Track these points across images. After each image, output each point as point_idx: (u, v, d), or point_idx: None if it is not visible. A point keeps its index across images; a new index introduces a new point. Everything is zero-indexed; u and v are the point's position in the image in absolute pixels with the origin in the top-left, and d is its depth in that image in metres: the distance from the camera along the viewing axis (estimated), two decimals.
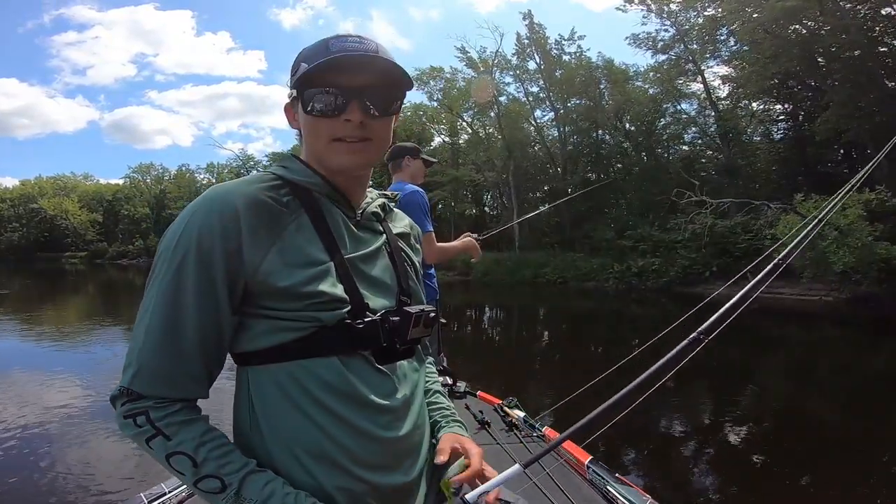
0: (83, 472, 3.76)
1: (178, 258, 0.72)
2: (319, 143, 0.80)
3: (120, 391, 0.73)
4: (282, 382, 0.75)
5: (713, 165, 21.73)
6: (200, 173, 60.44)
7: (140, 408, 0.71)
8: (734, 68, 22.25)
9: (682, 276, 17.17)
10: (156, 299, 0.72)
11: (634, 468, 3.90)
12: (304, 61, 0.79)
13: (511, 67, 30.03)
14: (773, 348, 9.64)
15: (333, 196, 0.83)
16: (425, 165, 2.90)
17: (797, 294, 14.15)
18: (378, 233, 0.90)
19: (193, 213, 0.74)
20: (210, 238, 0.72)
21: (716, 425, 5.15)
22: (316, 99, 0.77)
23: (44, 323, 12.32)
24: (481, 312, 16.74)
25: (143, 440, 0.71)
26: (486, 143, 32.40)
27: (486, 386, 3.57)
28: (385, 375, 0.80)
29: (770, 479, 3.84)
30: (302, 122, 0.82)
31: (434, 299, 2.67)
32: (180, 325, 0.71)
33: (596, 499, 1.97)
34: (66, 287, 25.92)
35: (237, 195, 0.74)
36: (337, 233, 0.81)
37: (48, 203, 62.04)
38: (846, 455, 4.26)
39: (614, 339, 11.16)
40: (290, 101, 0.84)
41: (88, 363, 7.79)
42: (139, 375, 0.71)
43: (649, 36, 24.54)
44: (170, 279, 0.72)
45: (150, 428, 0.70)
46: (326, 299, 0.74)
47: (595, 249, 22.27)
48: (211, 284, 0.72)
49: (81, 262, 54.32)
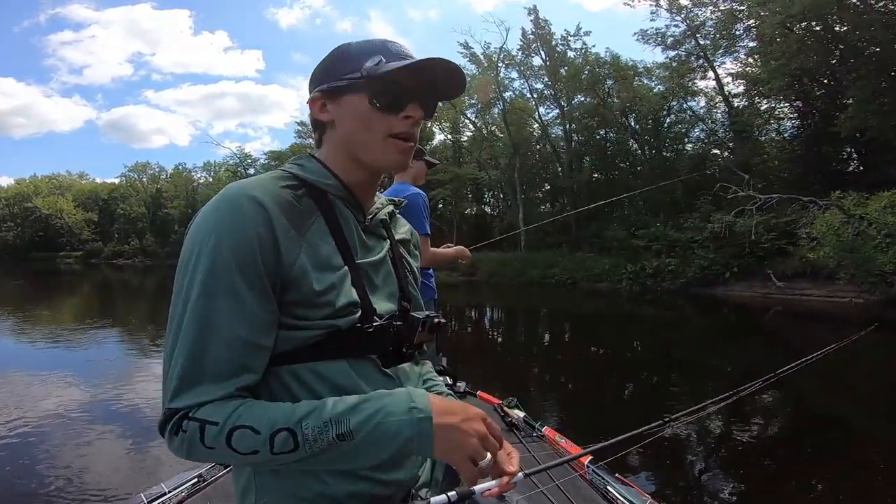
0: (83, 473, 3.74)
1: (213, 254, 0.69)
2: (372, 138, 0.80)
3: (165, 416, 0.68)
4: (291, 385, 0.75)
5: (728, 163, 21.02)
6: (197, 172, 59.85)
7: (180, 415, 0.68)
8: (748, 65, 21.86)
9: (701, 277, 16.49)
10: (194, 299, 0.69)
11: (634, 468, 3.80)
12: (370, 54, 0.79)
13: (516, 64, 29.48)
14: (795, 350, 8.92)
15: (347, 199, 0.84)
16: (427, 167, 2.90)
17: (825, 295, 13.57)
18: (383, 238, 0.91)
19: (219, 210, 0.71)
20: (245, 237, 0.69)
21: (722, 427, 4.90)
22: (384, 92, 0.78)
23: (35, 324, 11.90)
24: (487, 314, 16.18)
25: (198, 441, 0.66)
26: (491, 140, 31.80)
27: (494, 390, 3.49)
28: (390, 378, 0.82)
29: (779, 483, 3.67)
30: (352, 115, 0.81)
31: (432, 299, 2.75)
32: (224, 322, 0.68)
33: (596, 499, 1.96)
34: (57, 288, 25.18)
35: (263, 192, 0.73)
36: (350, 238, 0.81)
37: (43, 202, 61.60)
38: (862, 460, 4.01)
39: (626, 341, 10.61)
40: (320, 93, 0.82)
41: (85, 364, 7.63)
42: (183, 388, 0.67)
43: (658, 32, 24.06)
44: (206, 276, 0.68)
45: (196, 425, 0.66)
46: (345, 304, 0.75)
47: (604, 249, 21.60)
48: (255, 284, 0.70)
49: (77, 262, 53.75)
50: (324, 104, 0.82)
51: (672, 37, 23.81)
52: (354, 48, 0.81)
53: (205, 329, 0.68)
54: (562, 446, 2.35)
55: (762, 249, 15.13)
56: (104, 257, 56.52)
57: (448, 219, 35.14)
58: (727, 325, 12.45)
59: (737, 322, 13.00)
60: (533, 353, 9.81)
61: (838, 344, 2.94)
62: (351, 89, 0.79)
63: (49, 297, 20.28)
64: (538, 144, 30.87)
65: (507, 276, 23.08)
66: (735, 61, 22.61)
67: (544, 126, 30.10)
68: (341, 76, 0.80)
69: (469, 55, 30.04)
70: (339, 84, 0.80)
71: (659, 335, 11.22)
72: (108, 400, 5.53)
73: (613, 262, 19.65)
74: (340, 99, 0.80)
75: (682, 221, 18.45)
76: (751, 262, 15.36)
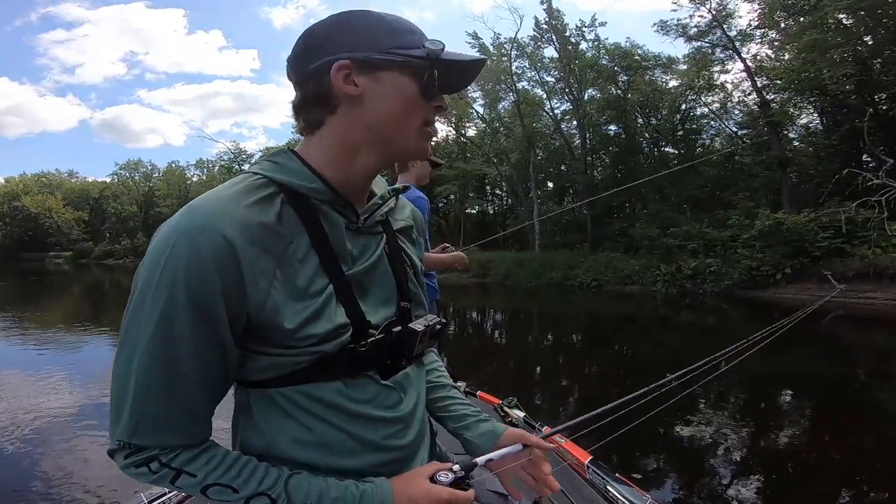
0: (83, 473, 3.72)
1: (166, 296, 0.62)
2: (411, 124, 0.73)
3: (120, 445, 0.66)
4: (285, 405, 0.72)
5: (766, 157, 19.69)
6: (191, 170, 58.46)
7: (147, 456, 0.66)
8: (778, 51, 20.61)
9: (748, 279, 15.04)
10: (145, 343, 0.63)
11: (635, 468, 3.77)
12: (409, 32, 0.72)
13: (527, 56, 28.18)
14: (845, 355, 8.60)
15: (335, 202, 0.74)
16: (432, 167, 2.72)
17: (892, 298, 12.43)
18: (378, 233, 0.81)
19: (173, 246, 0.62)
20: (202, 275, 0.61)
21: (737, 430, 4.80)
22: (433, 80, 0.71)
23: (23, 327, 11.39)
24: (502, 319, 14.96)
25: (167, 482, 0.67)
26: (504, 133, 30.38)
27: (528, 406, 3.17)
28: (391, 388, 0.78)
29: (794, 489, 3.56)
30: (396, 95, 0.71)
31: (434, 300, 2.65)
32: (177, 369, 0.64)
33: (596, 499, 1.91)
34: (43, 290, 23.70)
35: (226, 221, 0.63)
36: (339, 247, 0.73)
37: (31, 201, 60.72)
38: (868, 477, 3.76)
39: (655, 346, 9.73)
40: (351, 61, 0.69)
41: (76, 366, 7.45)
42: (140, 428, 0.65)
43: (679, 23, 22.66)
44: (159, 320, 0.62)
45: (169, 471, 0.67)
46: (331, 329, 0.69)
47: (629, 248, 20.17)
48: (210, 324, 0.64)
49: (67, 262, 52.52)
50: (349, 74, 0.69)
51: (697, 27, 22.53)
52: (392, 21, 0.72)
53: (160, 370, 0.63)
54: (562, 446, 2.21)
55: (818, 249, 13.77)
56: (94, 257, 55.40)
57: (455, 217, 33.99)
58: (777, 330, 11.18)
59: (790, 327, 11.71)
60: (557, 359, 9.20)
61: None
62: (400, 66, 0.70)
63: (34, 300, 19.01)
64: (552, 138, 29.51)
65: (523, 277, 21.59)
66: (770, 49, 21.29)
67: (557, 120, 28.71)
68: (388, 49, 0.69)
69: (478, 46, 28.80)
70: (387, 58, 0.69)
71: (696, 340, 10.13)
72: (105, 401, 4.73)
73: (644, 262, 18.16)
74: (379, 74, 0.70)
75: (726, 218, 17.02)
76: (805, 263, 13.99)
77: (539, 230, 24.98)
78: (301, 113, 0.74)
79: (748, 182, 19.90)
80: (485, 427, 0.91)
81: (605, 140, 27.62)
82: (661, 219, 20.00)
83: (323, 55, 0.69)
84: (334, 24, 0.71)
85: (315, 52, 0.70)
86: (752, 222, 15.29)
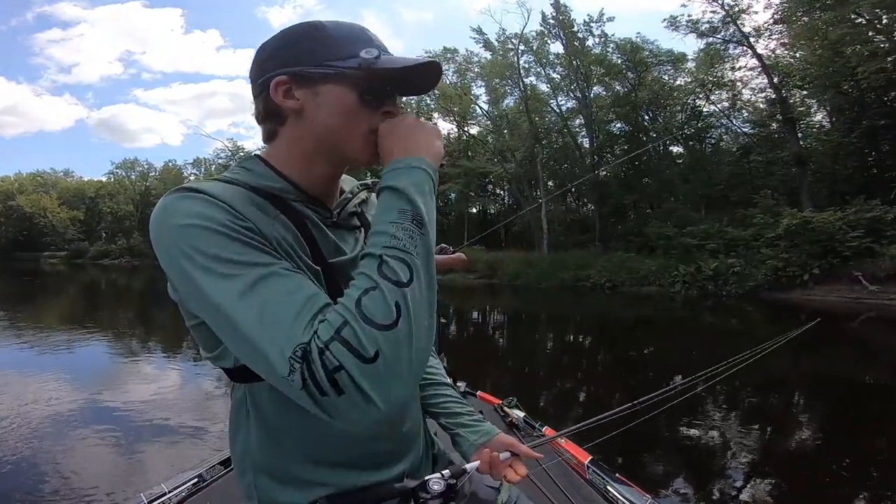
0: (83, 474, 3.69)
1: (216, 234, 0.61)
2: (355, 132, 0.73)
3: (290, 367, 0.58)
4: (282, 399, 0.69)
5: (786, 154, 19.19)
6: (187, 169, 57.60)
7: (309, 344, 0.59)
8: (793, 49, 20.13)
9: (773, 280, 14.49)
10: (239, 281, 0.60)
11: (635, 468, 3.69)
12: (354, 41, 0.71)
13: (533, 52, 27.65)
14: (873, 357, 8.31)
15: (306, 200, 0.75)
16: None
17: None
18: (356, 228, 0.84)
19: (175, 210, 0.62)
20: (223, 213, 0.62)
21: (744, 432, 4.73)
22: (375, 88, 0.71)
23: (17, 328, 11.03)
24: (509, 320, 14.51)
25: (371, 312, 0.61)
26: (510, 129, 29.80)
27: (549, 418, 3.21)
28: None
29: (800, 491, 3.49)
30: (334, 107, 0.71)
31: None
32: (278, 274, 0.62)
33: (596, 498, 1.91)
34: (38, 291, 22.99)
35: (215, 191, 0.64)
36: (319, 239, 0.74)
37: (26, 200, 60.20)
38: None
39: (671, 349, 9.37)
40: (288, 76, 0.70)
41: (75, 367, 7.31)
42: (293, 329, 0.59)
43: (690, 19, 22.12)
44: (224, 261, 0.60)
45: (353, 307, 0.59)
46: None
47: (643, 248, 19.60)
48: (256, 241, 0.63)
49: (62, 262, 51.76)
50: (289, 89, 0.71)
51: (709, 23, 22.01)
52: (334, 31, 0.72)
53: (265, 287, 0.60)
54: (562, 446, 2.20)
55: (848, 248, 13.24)
56: (90, 257, 54.65)
57: (459, 215, 33.51)
58: (804, 332, 10.71)
59: (818, 329, 11.20)
60: (570, 363, 8.85)
61: None
62: (335, 78, 0.70)
63: (28, 300, 18.41)
64: (559, 135, 29.01)
65: (533, 278, 20.99)
66: (784, 46, 20.80)
67: (564, 117, 28.14)
68: (323, 62, 0.70)
69: (483, 41, 28.30)
70: (321, 71, 0.70)
71: (718, 343, 9.62)
72: (103, 402, 5.48)
73: (661, 262, 17.58)
74: (317, 87, 0.70)
75: (745, 217, 16.49)
76: (834, 263, 13.46)
77: (547, 229, 24.44)
78: (260, 123, 0.76)
79: (765, 180, 19.39)
80: (477, 427, 0.96)
81: (611, 137, 27.16)
82: (676, 217, 19.45)
83: (266, 70, 0.71)
84: (279, 40, 0.72)
85: (261, 67, 0.72)
86: (776, 221, 14.73)
